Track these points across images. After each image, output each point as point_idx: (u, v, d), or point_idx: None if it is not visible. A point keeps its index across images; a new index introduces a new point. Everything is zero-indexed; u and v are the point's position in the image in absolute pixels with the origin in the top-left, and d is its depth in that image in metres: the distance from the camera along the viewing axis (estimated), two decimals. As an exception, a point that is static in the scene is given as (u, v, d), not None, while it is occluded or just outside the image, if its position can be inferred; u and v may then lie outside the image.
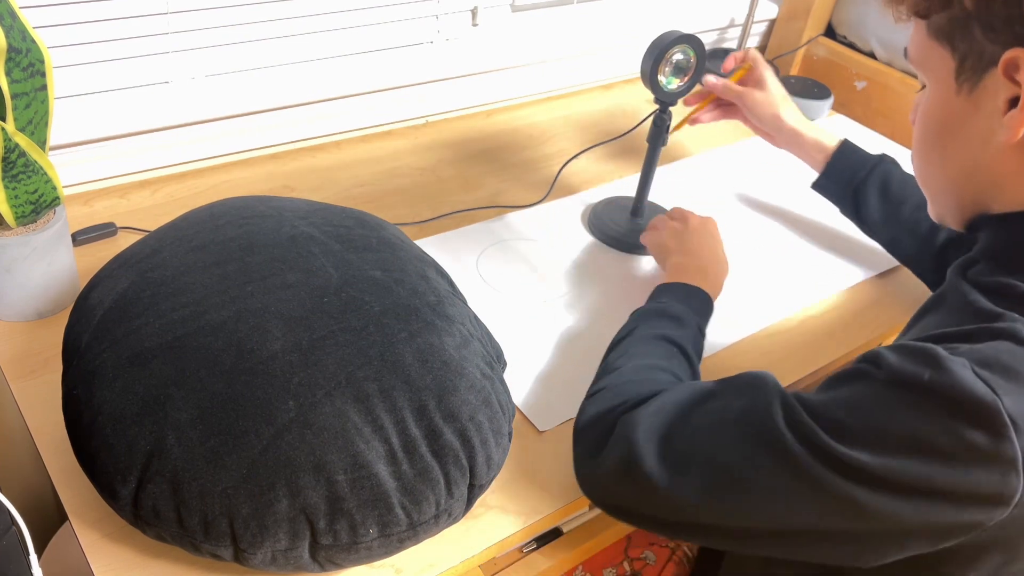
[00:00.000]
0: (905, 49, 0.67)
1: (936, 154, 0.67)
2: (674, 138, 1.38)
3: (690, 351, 0.83)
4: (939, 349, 0.54)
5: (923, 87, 0.67)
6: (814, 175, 1.11)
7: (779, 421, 0.59)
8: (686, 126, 1.16)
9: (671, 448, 0.66)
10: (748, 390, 0.64)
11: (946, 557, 0.59)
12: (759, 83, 1.11)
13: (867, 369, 0.58)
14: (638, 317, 0.87)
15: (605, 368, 0.81)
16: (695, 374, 0.83)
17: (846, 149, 1.08)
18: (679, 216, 1.04)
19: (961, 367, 0.53)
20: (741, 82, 1.13)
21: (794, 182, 1.30)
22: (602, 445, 0.71)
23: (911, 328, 0.70)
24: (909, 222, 1.02)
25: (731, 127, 1.48)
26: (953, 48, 0.61)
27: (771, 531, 0.61)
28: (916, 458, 0.53)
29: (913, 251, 1.04)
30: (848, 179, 1.07)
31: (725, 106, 1.15)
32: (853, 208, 1.08)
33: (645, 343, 0.82)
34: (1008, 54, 0.56)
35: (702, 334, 0.88)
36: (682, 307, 0.87)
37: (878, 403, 0.55)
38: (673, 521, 0.67)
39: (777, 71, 1.46)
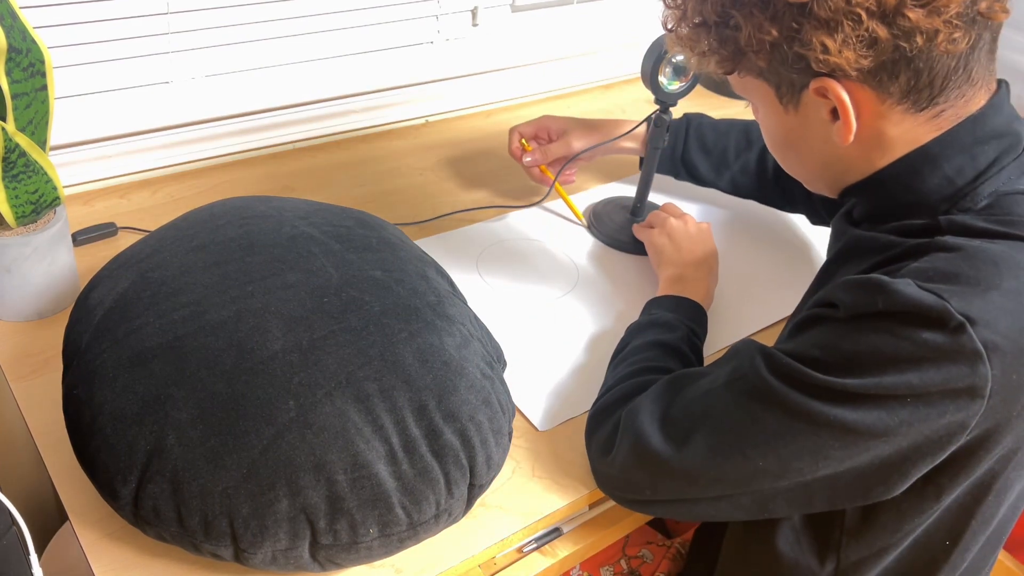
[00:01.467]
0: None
1: (790, 157, 0.76)
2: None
3: (684, 349, 0.86)
4: (883, 277, 0.61)
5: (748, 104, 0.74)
6: None
7: (763, 372, 0.65)
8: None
9: (672, 424, 0.71)
10: (732, 357, 0.71)
11: (942, 469, 0.63)
12: (551, 137, 1.15)
13: (825, 312, 0.64)
14: (632, 331, 0.91)
15: (606, 380, 0.86)
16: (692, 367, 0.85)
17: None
18: (678, 214, 1.05)
19: (906, 285, 0.60)
20: (550, 141, 1.15)
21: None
22: (612, 442, 0.75)
23: (826, 282, 0.75)
24: (736, 166, 1.12)
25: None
26: (767, 81, 0.69)
27: (783, 483, 0.65)
28: (890, 371, 0.59)
29: (754, 188, 1.14)
30: (670, 155, 1.15)
31: (573, 159, 1.15)
32: (689, 175, 1.16)
33: (638, 352, 0.86)
34: (814, 85, 0.65)
35: (697, 336, 0.90)
36: (672, 315, 0.91)
37: (845, 337, 0.62)
38: (691, 498, 0.71)
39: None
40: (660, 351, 0.85)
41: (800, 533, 0.75)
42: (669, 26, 0.72)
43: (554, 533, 0.87)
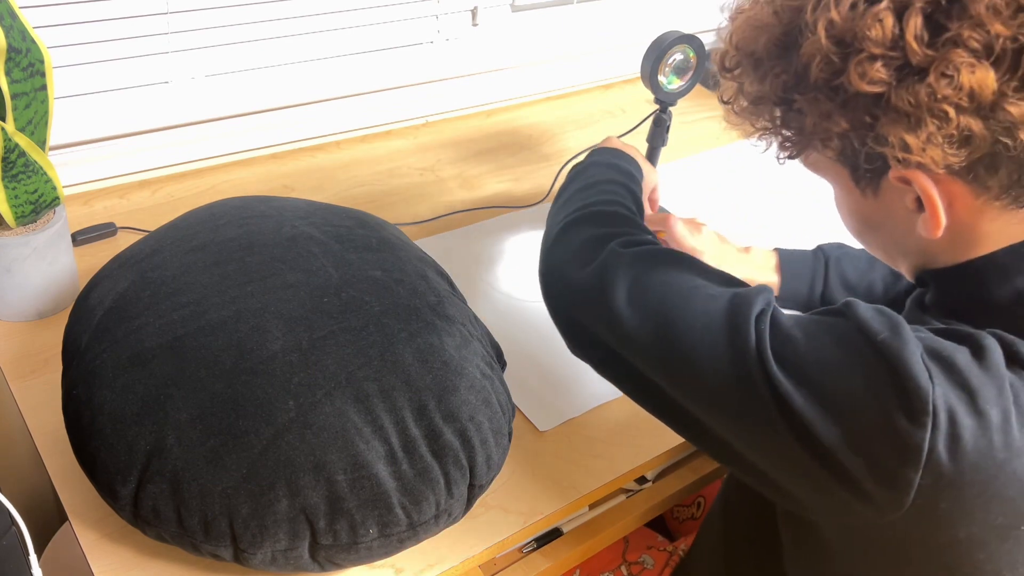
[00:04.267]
0: None
1: (870, 241, 0.68)
2: (674, 138, 1.38)
3: (638, 193, 0.84)
4: (905, 324, 0.55)
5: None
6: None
7: (752, 315, 0.59)
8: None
9: (645, 295, 0.65)
10: (740, 286, 0.64)
11: (871, 556, 0.59)
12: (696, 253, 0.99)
13: (842, 309, 0.58)
14: (586, 164, 0.88)
15: (572, 196, 0.81)
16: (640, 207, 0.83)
17: (787, 267, 0.99)
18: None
19: (914, 345, 0.53)
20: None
21: (794, 182, 1.30)
22: (584, 262, 0.70)
23: None
24: (877, 296, 0.98)
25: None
26: (842, 164, 0.61)
27: (695, 410, 0.61)
28: (837, 420, 0.54)
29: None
30: (807, 295, 0.99)
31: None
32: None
33: (604, 184, 0.82)
34: (893, 174, 0.57)
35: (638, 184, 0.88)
36: (626, 164, 0.88)
37: (831, 339, 0.56)
38: (615, 359, 0.67)
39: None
40: (621, 189, 0.82)
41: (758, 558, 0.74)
42: (725, 99, 0.64)
43: (554, 533, 0.87)
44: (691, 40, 1.02)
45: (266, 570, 0.66)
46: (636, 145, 1.18)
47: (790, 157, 0.63)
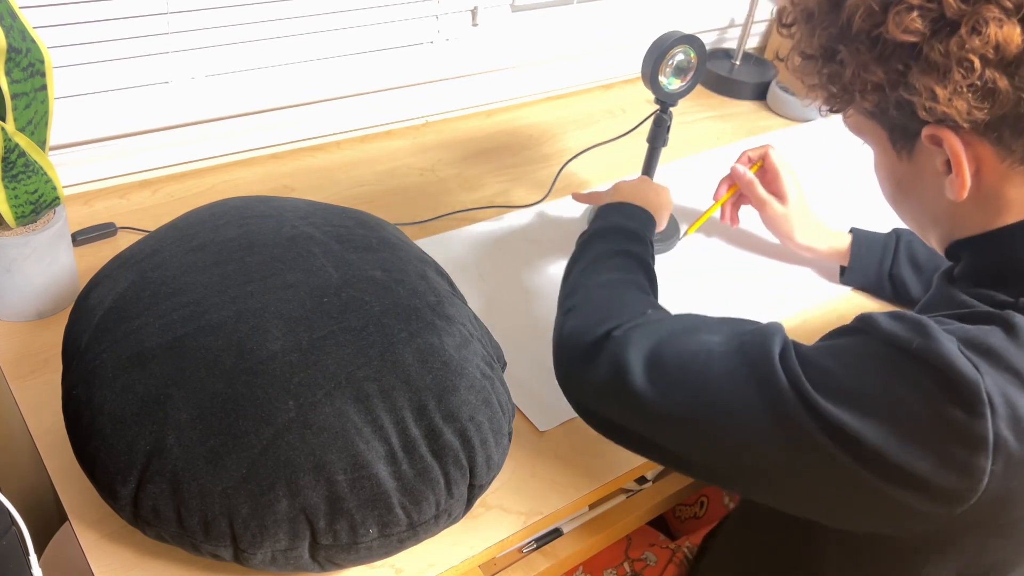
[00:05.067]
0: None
1: (902, 206, 0.71)
2: (674, 138, 1.37)
3: (650, 263, 0.84)
4: (931, 321, 0.56)
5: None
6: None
7: (775, 357, 0.60)
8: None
9: (661, 369, 0.66)
10: (750, 327, 0.66)
11: (922, 549, 0.61)
12: (781, 196, 1.07)
13: (859, 326, 0.60)
14: (591, 234, 0.88)
15: (572, 287, 0.81)
16: (655, 287, 0.83)
17: (860, 241, 1.07)
18: None
19: (948, 342, 0.55)
20: (763, 181, 1.08)
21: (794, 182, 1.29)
22: (591, 360, 0.71)
23: None
24: None
25: (730, 127, 1.48)
26: (881, 123, 0.64)
27: (747, 464, 0.62)
28: (894, 427, 0.55)
29: None
30: (876, 270, 1.06)
31: (744, 196, 1.11)
32: (892, 292, 1.06)
33: (607, 258, 0.83)
34: (926, 131, 0.60)
35: (652, 245, 0.89)
36: (631, 224, 0.88)
37: (866, 360, 0.57)
38: (658, 443, 0.68)
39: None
40: (627, 263, 0.82)
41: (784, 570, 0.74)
42: (781, 55, 0.68)
43: (554, 533, 0.87)
44: (692, 40, 1.02)
45: (266, 570, 0.66)
46: (635, 145, 1.18)
47: (833, 111, 0.66)
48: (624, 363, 0.68)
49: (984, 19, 0.54)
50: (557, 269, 1.07)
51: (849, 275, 1.08)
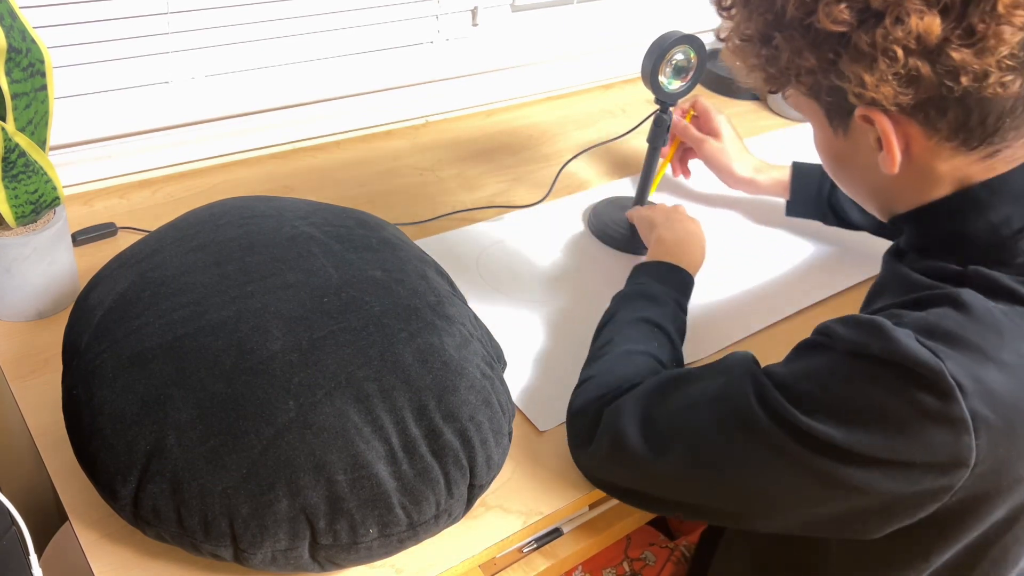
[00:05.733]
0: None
1: (842, 179, 0.74)
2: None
3: (669, 329, 0.86)
4: (884, 321, 0.59)
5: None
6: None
7: (752, 400, 0.64)
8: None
9: (654, 430, 0.70)
10: (723, 370, 0.69)
11: (927, 526, 0.62)
12: (715, 133, 1.16)
13: (822, 340, 0.63)
14: (619, 300, 0.91)
15: (592, 356, 0.86)
16: (676, 350, 0.86)
17: (800, 172, 1.14)
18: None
19: (906, 337, 0.57)
20: (699, 128, 1.18)
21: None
22: (591, 434, 0.76)
23: (865, 309, 0.73)
24: None
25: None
26: (818, 103, 0.67)
27: (759, 505, 0.66)
28: (877, 429, 0.58)
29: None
30: (815, 196, 1.12)
31: (689, 149, 1.20)
32: (835, 218, 1.12)
33: (626, 327, 0.86)
34: (858, 112, 0.63)
35: (682, 309, 0.91)
36: (660, 287, 0.91)
37: (837, 374, 0.60)
38: (671, 499, 0.72)
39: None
40: (647, 330, 0.85)
41: (790, 569, 0.76)
42: (722, 36, 0.69)
43: (554, 533, 0.87)
44: (692, 40, 1.02)
45: (266, 570, 0.66)
46: (636, 145, 1.19)
47: (772, 91, 0.69)
48: (620, 433, 0.72)
49: (907, 10, 0.56)
50: (557, 269, 1.07)
51: (792, 207, 1.15)
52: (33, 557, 0.62)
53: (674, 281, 0.92)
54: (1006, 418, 0.57)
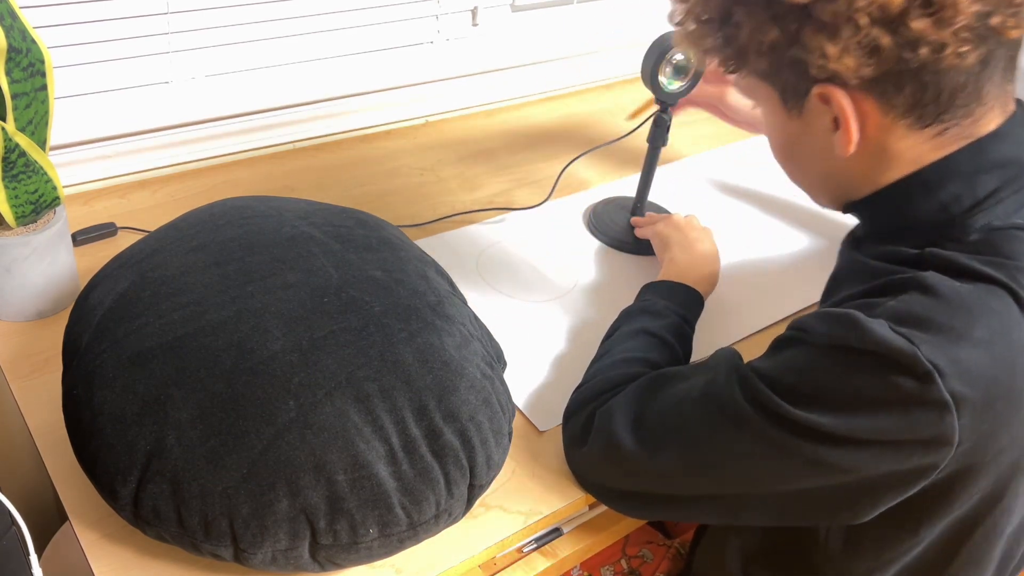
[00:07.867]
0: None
1: (792, 165, 0.74)
2: (674, 138, 1.37)
3: (669, 338, 0.86)
4: (857, 313, 0.60)
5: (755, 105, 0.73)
6: None
7: (737, 394, 0.65)
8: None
9: (645, 428, 0.71)
10: (710, 368, 0.71)
11: (917, 500, 0.64)
12: (728, 82, 1.12)
13: (799, 335, 0.64)
14: (623, 316, 0.92)
15: (590, 364, 0.87)
16: (676, 359, 0.86)
17: None
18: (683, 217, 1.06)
19: (880, 326, 0.59)
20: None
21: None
22: (585, 437, 0.77)
23: (827, 298, 0.74)
24: None
25: (729, 127, 1.47)
26: (773, 84, 0.67)
27: (753, 496, 0.67)
28: (862, 412, 0.59)
29: None
30: None
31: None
32: None
33: (625, 339, 0.87)
34: (816, 90, 0.63)
35: (687, 323, 0.91)
36: (664, 303, 0.91)
37: (819, 366, 0.61)
38: (665, 495, 0.73)
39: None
40: (645, 340, 0.85)
41: (782, 554, 0.76)
42: (676, 21, 0.69)
43: (554, 533, 0.87)
44: (691, 40, 1.02)
45: (266, 570, 0.66)
46: (636, 145, 1.18)
47: (728, 72, 0.68)
48: (612, 434, 0.73)
49: None
50: (557, 269, 1.07)
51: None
52: (33, 557, 0.62)
53: (680, 298, 0.92)
54: (985, 393, 0.58)
